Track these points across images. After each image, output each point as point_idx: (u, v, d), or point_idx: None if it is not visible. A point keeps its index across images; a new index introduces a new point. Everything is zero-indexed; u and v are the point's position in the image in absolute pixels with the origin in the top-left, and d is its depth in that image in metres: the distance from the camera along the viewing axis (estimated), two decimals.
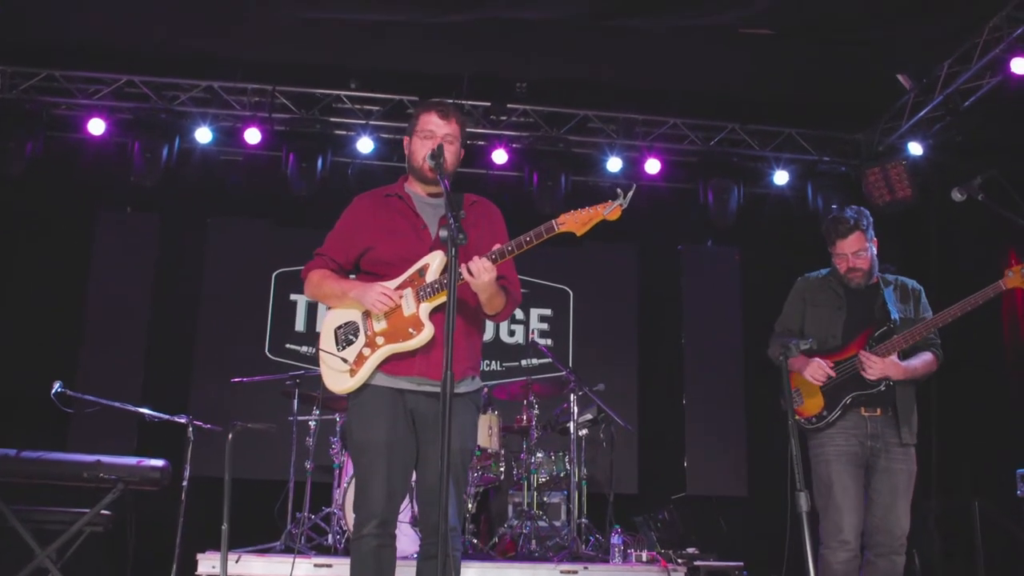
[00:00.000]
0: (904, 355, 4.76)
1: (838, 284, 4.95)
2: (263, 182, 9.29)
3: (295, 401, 7.10)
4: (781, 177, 9.52)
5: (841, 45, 8.17)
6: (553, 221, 3.65)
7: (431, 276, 3.76)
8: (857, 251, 4.86)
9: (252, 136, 8.91)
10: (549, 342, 9.34)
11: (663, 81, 9.01)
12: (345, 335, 3.86)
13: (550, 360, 9.05)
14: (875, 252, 4.92)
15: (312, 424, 7.29)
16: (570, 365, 7.51)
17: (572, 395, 7.20)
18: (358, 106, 9.25)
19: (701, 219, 9.46)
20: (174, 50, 8.60)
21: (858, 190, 9.18)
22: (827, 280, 5.02)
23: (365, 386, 3.79)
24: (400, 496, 3.77)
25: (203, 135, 8.94)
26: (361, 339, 3.82)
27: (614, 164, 9.33)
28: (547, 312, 9.67)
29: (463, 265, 3.58)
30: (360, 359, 3.78)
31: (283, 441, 7.31)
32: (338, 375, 3.82)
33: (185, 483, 6.55)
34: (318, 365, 4.31)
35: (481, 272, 3.61)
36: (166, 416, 6.70)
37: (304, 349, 9.27)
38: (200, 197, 9.40)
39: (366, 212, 4.02)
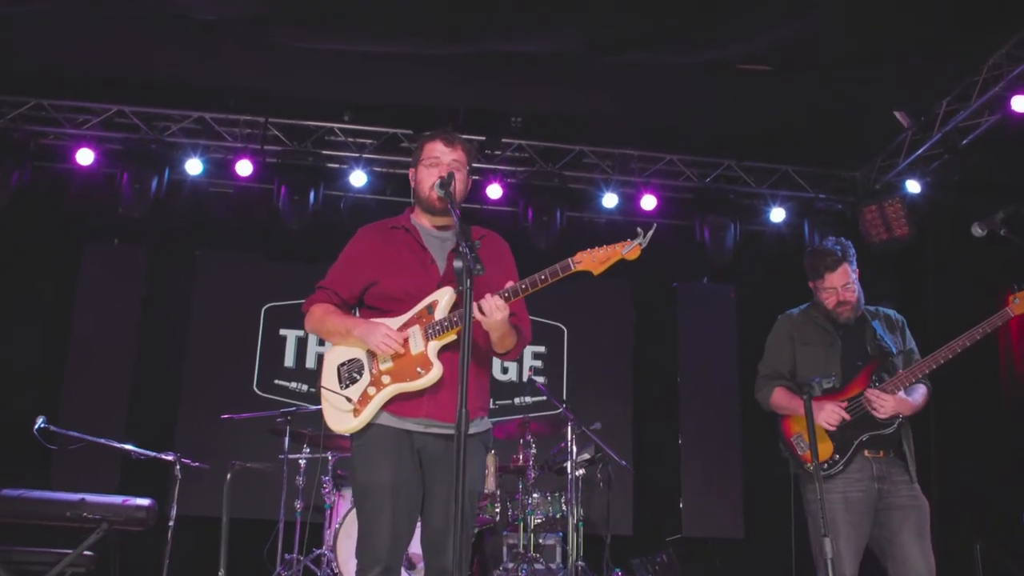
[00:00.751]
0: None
1: (825, 320, 4.79)
2: (254, 215, 9.17)
3: (286, 439, 6.90)
4: (778, 214, 9.44)
5: (839, 83, 8.13)
6: (570, 260, 3.54)
7: (440, 313, 3.63)
8: (846, 284, 4.72)
9: (243, 168, 8.77)
10: (543, 379, 9.19)
11: (659, 117, 8.94)
12: (349, 373, 3.71)
13: (544, 398, 8.92)
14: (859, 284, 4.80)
15: (302, 463, 7.09)
16: (564, 403, 7.35)
17: (570, 434, 7.03)
18: (351, 139, 9.15)
19: (697, 256, 9.37)
20: (165, 80, 8.49)
21: (854, 228, 9.12)
22: (811, 316, 4.85)
23: (369, 426, 3.64)
24: (406, 541, 3.61)
25: (193, 166, 8.81)
26: (366, 377, 3.67)
27: (610, 200, 9.24)
28: (541, 349, 9.53)
29: (475, 303, 3.46)
30: (365, 398, 3.63)
31: (273, 480, 7.11)
32: (341, 414, 3.67)
33: (171, 523, 6.35)
34: (308, 402, 4.20)
35: (493, 310, 3.48)
36: (152, 453, 6.52)
37: (293, 385, 9.09)
38: (189, 229, 9.26)
39: (371, 245, 3.89)
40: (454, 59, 7.98)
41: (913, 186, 8.90)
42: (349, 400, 3.63)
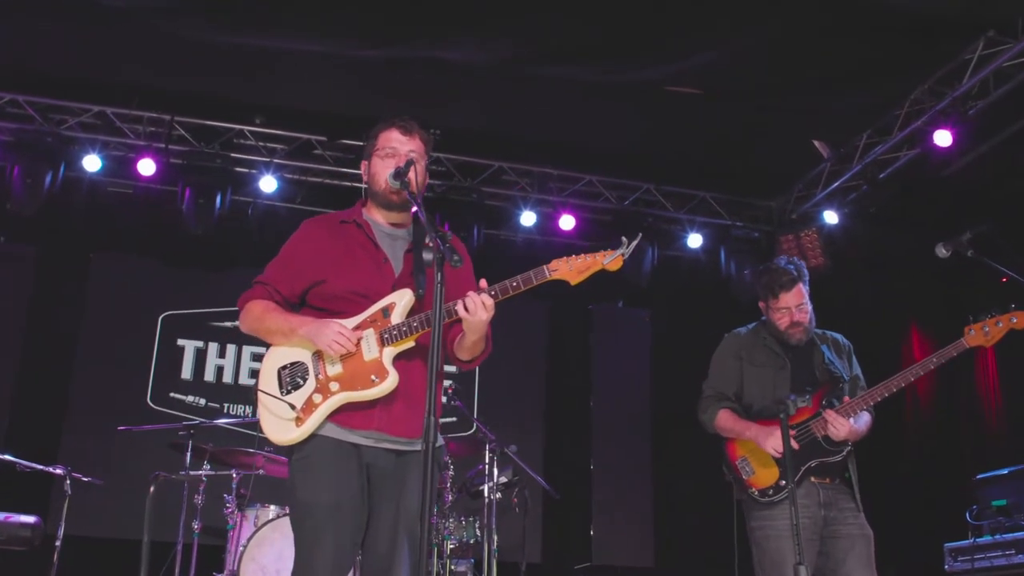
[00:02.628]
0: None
1: (773, 341, 4.63)
2: (155, 217, 8.69)
3: (188, 454, 6.41)
4: (695, 240, 9.39)
5: (760, 111, 8.13)
6: (544, 267, 3.30)
7: (397, 317, 3.32)
8: (800, 304, 4.55)
9: (146, 167, 8.29)
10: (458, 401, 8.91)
11: (580, 136, 8.81)
12: (291, 377, 3.36)
13: (454, 419, 8.63)
14: None
15: (203, 480, 6.62)
16: (484, 425, 7.08)
17: (491, 456, 6.76)
18: (262, 143, 8.77)
19: (613, 279, 9.15)
20: (65, 70, 7.99)
21: (770, 256, 9.12)
22: (759, 337, 4.68)
23: (312, 437, 3.29)
24: (348, 567, 3.27)
25: (92, 163, 8.30)
26: (311, 383, 3.32)
27: (528, 218, 9.05)
28: (451, 369, 9.22)
29: (459, 301, 3.19)
30: (309, 406, 3.28)
31: (171, 498, 6.62)
32: (281, 423, 3.30)
33: (58, 543, 5.87)
34: (206, 417, 3.79)
35: (478, 308, 3.21)
36: (39, 466, 6.01)
37: (190, 399, 8.61)
38: (85, 230, 8.76)
39: (317, 239, 3.55)
40: (375, 66, 7.72)
41: (831, 217, 8.95)
42: (292, 407, 3.28)
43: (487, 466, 6.85)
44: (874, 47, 7.25)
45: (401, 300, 3.35)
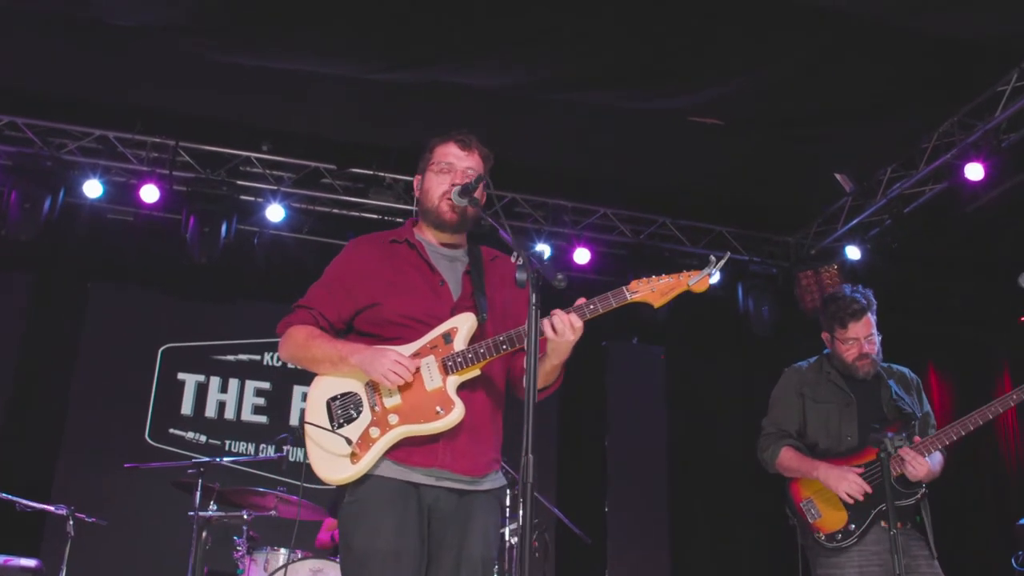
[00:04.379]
0: None
1: (838, 375, 4.40)
2: (158, 246, 8.39)
3: (197, 493, 6.04)
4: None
5: (784, 142, 7.94)
6: (624, 289, 3.06)
7: (460, 343, 3.05)
8: (868, 335, 4.35)
9: (149, 194, 7.99)
10: None
11: (595, 168, 8.60)
12: (343, 409, 3.06)
13: None
14: None
15: (210, 520, 6.26)
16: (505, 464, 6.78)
17: (513, 498, 6.45)
18: (269, 171, 8.49)
19: (628, 315, 8.91)
20: (66, 92, 7.73)
21: (787, 292, 8.90)
22: (822, 371, 4.46)
23: (367, 477, 2.99)
24: None
25: (92, 189, 8.00)
26: (366, 415, 3.02)
27: (542, 251, 8.78)
28: None
29: (545, 320, 2.92)
30: (366, 440, 2.98)
31: (174, 540, 6.27)
32: (335, 460, 2.99)
33: None
34: (207, 454, 3.51)
35: (567, 329, 2.97)
36: (41, 506, 5.67)
37: (190, 436, 8.27)
38: (83, 258, 8.45)
39: (367, 260, 3.28)
40: (386, 92, 7.49)
41: (853, 252, 8.71)
42: (348, 442, 2.96)
43: (509, 508, 6.54)
44: (902, 78, 7.07)
45: (464, 325, 3.09)
